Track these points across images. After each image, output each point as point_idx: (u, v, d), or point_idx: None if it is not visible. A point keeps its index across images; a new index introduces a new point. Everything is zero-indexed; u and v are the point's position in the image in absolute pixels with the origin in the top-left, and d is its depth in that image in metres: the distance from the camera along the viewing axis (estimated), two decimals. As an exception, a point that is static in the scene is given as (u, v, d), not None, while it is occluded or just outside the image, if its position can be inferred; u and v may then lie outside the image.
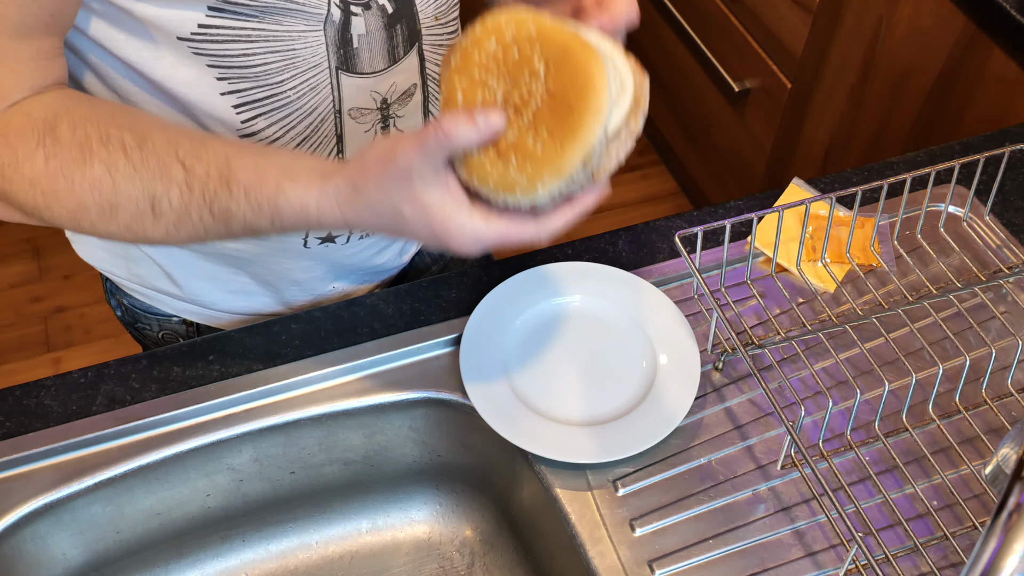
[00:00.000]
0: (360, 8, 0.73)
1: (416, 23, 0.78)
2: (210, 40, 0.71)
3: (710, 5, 1.87)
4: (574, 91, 0.56)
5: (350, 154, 0.81)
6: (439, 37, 0.82)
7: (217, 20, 0.70)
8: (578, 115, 0.56)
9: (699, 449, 0.80)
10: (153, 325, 0.98)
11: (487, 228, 0.61)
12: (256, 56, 0.73)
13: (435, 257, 1.09)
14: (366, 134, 0.81)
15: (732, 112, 1.89)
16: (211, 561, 0.89)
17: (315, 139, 0.79)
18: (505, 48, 0.58)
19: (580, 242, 0.94)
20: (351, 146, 0.81)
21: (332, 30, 0.73)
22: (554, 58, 0.57)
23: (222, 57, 0.72)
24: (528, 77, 0.58)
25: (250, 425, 0.81)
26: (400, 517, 0.93)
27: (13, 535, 0.77)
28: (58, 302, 2.06)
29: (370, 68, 0.77)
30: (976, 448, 0.81)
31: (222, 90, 0.74)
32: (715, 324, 0.83)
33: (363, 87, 0.78)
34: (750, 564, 0.74)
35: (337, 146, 0.81)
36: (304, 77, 0.75)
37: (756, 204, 0.98)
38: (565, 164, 0.58)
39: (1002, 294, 0.91)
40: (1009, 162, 1.02)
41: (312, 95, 0.76)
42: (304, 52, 0.74)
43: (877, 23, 1.51)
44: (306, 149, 0.79)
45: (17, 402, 0.81)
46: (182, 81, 0.73)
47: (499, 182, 0.59)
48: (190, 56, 0.72)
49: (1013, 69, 1.28)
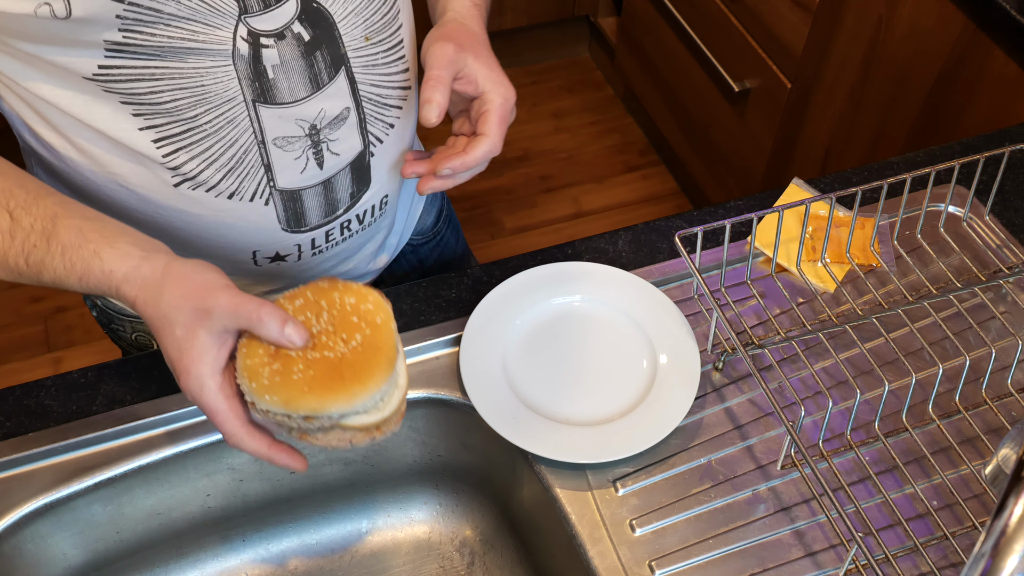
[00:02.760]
0: (272, 39, 0.71)
1: (340, 47, 0.76)
2: (115, 80, 0.70)
3: (710, 5, 1.87)
4: (361, 369, 0.65)
5: (281, 183, 0.79)
6: (373, 57, 0.79)
7: (118, 60, 0.69)
8: (353, 382, 0.64)
9: (699, 449, 0.80)
10: (126, 326, 0.97)
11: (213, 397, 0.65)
12: (165, 93, 0.71)
13: (414, 265, 1.07)
14: (296, 160, 0.78)
15: (732, 112, 1.89)
16: (211, 561, 0.89)
17: (241, 170, 0.77)
18: (354, 309, 0.67)
19: (580, 242, 0.95)
20: (281, 175, 0.79)
21: (242, 64, 0.71)
22: (368, 344, 0.66)
23: (131, 95, 0.71)
24: (341, 339, 0.65)
25: (250, 425, 0.81)
26: (400, 517, 0.93)
27: (13, 535, 0.77)
28: (58, 302, 2.06)
29: (291, 97, 0.74)
30: (976, 448, 0.81)
31: (139, 126, 0.73)
32: (715, 324, 0.83)
33: (286, 116, 0.75)
34: (750, 564, 0.74)
35: (267, 175, 0.78)
36: (219, 111, 0.73)
37: (756, 204, 0.98)
38: (324, 405, 0.64)
39: (1002, 294, 0.91)
40: (1009, 162, 1.02)
41: (230, 128, 0.74)
42: (215, 87, 0.72)
43: (877, 23, 1.51)
44: (234, 180, 0.78)
45: (17, 402, 0.81)
46: (100, 119, 0.73)
47: (262, 387, 0.64)
48: (102, 94, 0.71)
49: (1013, 69, 1.28)
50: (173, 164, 0.75)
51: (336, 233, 0.87)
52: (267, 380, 0.64)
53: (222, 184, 0.77)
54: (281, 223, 0.82)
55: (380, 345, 0.66)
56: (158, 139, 0.74)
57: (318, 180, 0.81)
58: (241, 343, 0.66)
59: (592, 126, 2.47)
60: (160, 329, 0.65)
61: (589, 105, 2.52)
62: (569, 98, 2.54)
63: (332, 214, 0.84)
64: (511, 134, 0.93)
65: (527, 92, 2.54)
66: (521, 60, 2.60)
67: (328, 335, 0.66)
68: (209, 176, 0.76)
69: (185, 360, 0.64)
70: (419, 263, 1.07)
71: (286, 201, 0.81)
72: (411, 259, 1.06)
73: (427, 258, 1.08)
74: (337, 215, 0.85)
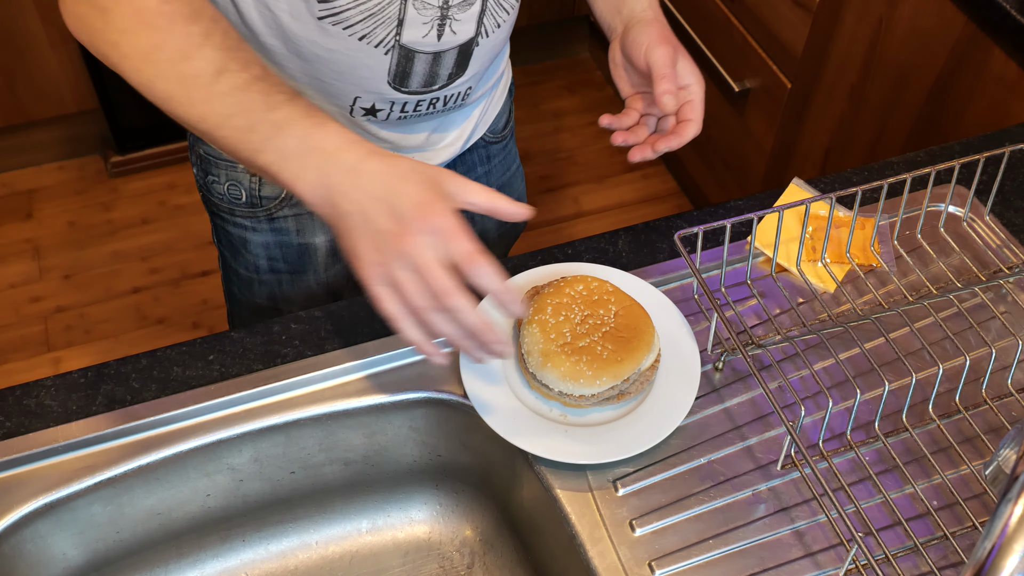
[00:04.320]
0: None
1: None
2: None
3: (710, 5, 1.87)
4: (634, 333, 0.81)
5: (404, 39, 0.87)
6: None
7: None
8: (634, 347, 0.80)
9: (699, 449, 0.80)
10: (221, 176, 1.01)
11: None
12: None
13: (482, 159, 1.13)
14: (423, 25, 0.86)
15: (732, 112, 1.89)
16: (211, 561, 0.89)
17: (380, 17, 0.84)
18: (588, 291, 0.83)
19: (580, 242, 0.95)
20: (407, 31, 0.86)
21: None
22: (623, 309, 0.83)
23: None
24: (601, 314, 0.82)
25: (250, 425, 0.81)
26: (400, 517, 0.93)
27: (13, 535, 0.77)
28: (58, 302, 2.06)
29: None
30: (976, 448, 0.81)
31: None
32: (715, 324, 0.83)
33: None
34: (750, 564, 0.74)
35: (396, 30, 0.85)
36: None
37: (756, 204, 0.98)
38: (621, 372, 0.80)
39: (1002, 294, 0.91)
40: (1009, 162, 1.02)
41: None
42: None
43: (877, 23, 1.51)
44: (371, 23, 0.84)
45: (17, 402, 0.81)
46: None
47: (566, 373, 0.79)
48: None
49: (1013, 69, 1.28)
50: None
51: (424, 106, 0.95)
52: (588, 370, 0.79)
53: (359, 25, 0.84)
54: (389, 76, 0.89)
55: (630, 304, 0.83)
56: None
57: (432, 50, 0.88)
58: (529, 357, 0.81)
59: (592, 126, 2.47)
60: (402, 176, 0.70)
61: (589, 105, 2.52)
62: (569, 98, 2.54)
63: (430, 86, 0.92)
64: None
65: (527, 92, 2.54)
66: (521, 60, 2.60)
67: (592, 317, 0.82)
68: (352, 15, 0.83)
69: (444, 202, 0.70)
70: (488, 158, 1.14)
71: (401, 57, 0.88)
72: (482, 153, 1.13)
73: (495, 156, 1.15)
74: (432, 88, 0.93)
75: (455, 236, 0.69)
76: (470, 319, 0.70)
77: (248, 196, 1.02)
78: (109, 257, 2.14)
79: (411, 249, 0.68)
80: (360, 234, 0.70)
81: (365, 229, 0.70)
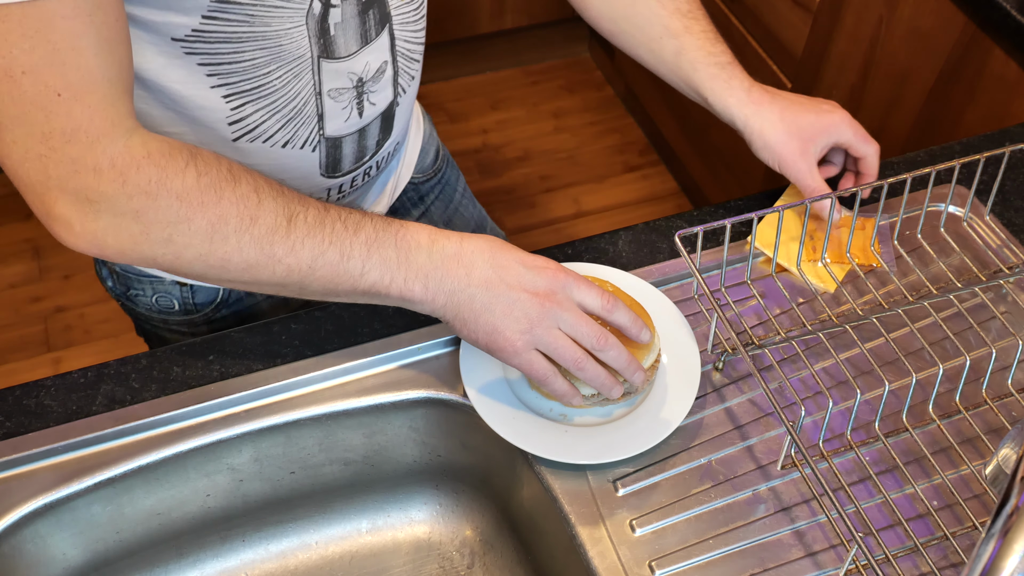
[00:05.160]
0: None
1: (386, 6, 0.83)
2: (202, 42, 0.73)
3: (710, 5, 1.86)
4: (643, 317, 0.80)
5: (328, 131, 0.86)
6: (407, 15, 0.86)
7: (210, 26, 0.72)
8: (634, 350, 0.78)
9: (699, 449, 0.80)
10: (147, 289, 0.97)
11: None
12: (246, 54, 0.76)
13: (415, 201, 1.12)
14: (343, 110, 0.85)
15: (732, 112, 1.89)
16: (211, 561, 0.89)
17: (298, 120, 0.83)
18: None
19: (580, 242, 0.95)
20: (329, 123, 0.85)
21: (313, 22, 0.77)
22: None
23: (213, 56, 0.75)
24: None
25: (250, 425, 0.81)
26: (400, 517, 0.93)
27: (13, 535, 0.77)
28: (58, 302, 2.06)
29: (345, 52, 0.81)
30: (976, 448, 0.81)
31: (212, 84, 0.77)
32: (715, 324, 0.83)
33: (340, 70, 0.82)
34: (750, 564, 0.74)
35: (318, 124, 0.84)
36: (289, 67, 0.78)
37: (756, 204, 0.98)
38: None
39: (1002, 294, 0.91)
40: (1009, 162, 1.02)
41: (296, 82, 0.80)
42: (290, 47, 0.77)
43: (877, 23, 1.51)
44: (290, 129, 0.83)
45: (17, 402, 0.81)
46: (173, 79, 0.75)
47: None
48: (181, 56, 0.74)
49: (1013, 69, 1.28)
50: (238, 116, 0.80)
51: (359, 179, 0.94)
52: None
53: (279, 134, 0.83)
54: (321, 168, 0.88)
55: (630, 305, 0.80)
56: (229, 94, 0.78)
57: (356, 128, 0.88)
58: None
59: (592, 126, 2.47)
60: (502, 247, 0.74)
61: (589, 105, 2.52)
62: (569, 98, 2.54)
63: (360, 160, 0.92)
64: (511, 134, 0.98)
65: (527, 92, 2.54)
66: (521, 60, 2.60)
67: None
68: (269, 127, 0.82)
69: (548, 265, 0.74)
70: (420, 199, 1.13)
71: (329, 148, 0.87)
72: (412, 196, 1.11)
73: (428, 194, 1.13)
74: (364, 161, 0.92)
75: (585, 285, 0.74)
76: (623, 359, 0.75)
77: (181, 305, 0.98)
78: (109, 257, 2.14)
79: (557, 305, 0.72)
80: (495, 310, 0.72)
81: (499, 304, 0.72)
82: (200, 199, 0.67)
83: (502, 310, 0.72)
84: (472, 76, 2.56)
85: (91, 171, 0.64)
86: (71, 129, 0.63)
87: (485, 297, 0.72)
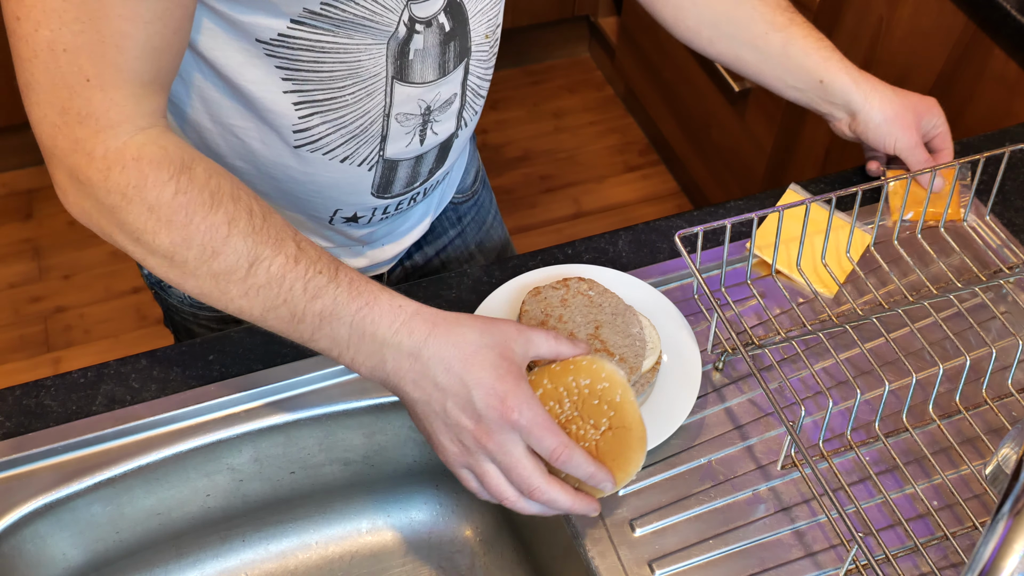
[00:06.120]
0: (423, 26, 0.77)
1: (468, 40, 0.83)
2: (285, 47, 0.74)
3: (710, 5, 1.86)
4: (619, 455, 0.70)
5: (388, 153, 0.86)
6: (484, 53, 0.86)
7: (297, 31, 0.73)
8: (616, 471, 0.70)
9: (699, 449, 0.80)
10: None
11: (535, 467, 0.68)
12: (325, 64, 0.76)
13: (452, 221, 1.12)
14: (407, 135, 0.85)
15: (732, 112, 1.89)
16: (211, 561, 0.89)
17: (362, 138, 0.83)
18: (591, 391, 0.70)
19: (580, 242, 0.95)
20: (392, 145, 0.85)
21: (394, 44, 0.77)
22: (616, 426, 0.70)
23: (292, 61, 0.75)
24: (590, 425, 0.70)
25: (250, 425, 0.81)
26: (400, 517, 0.93)
27: (13, 535, 0.77)
28: (58, 302, 2.06)
29: (421, 79, 0.81)
30: (976, 448, 0.81)
31: (285, 89, 0.77)
32: (715, 324, 0.83)
33: (412, 95, 0.82)
34: (750, 564, 0.74)
35: (380, 145, 0.84)
36: (363, 84, 0.79)
37: (756, 204, 0.98)
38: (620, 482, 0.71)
39: (1002, 294, 0.91)
40: (1009, 162, 1.02)
41: (367, 100, 0.80)
42: (368, 63, 0.77)
43: (877, 23, 1.51)
44: (353, 146, 0.83)
45: (17, 402, 0.81)
46: (250, 78, 0.76)
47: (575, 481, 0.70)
48: (262, 56, 0.74)
49: (1013, 69, 1.28)
50: (305, 126, 0.80)
51: (406, 203, 0.94)
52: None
53: (340, 149, 0.83)
54: (372, 188, 0.88)
55: (629, 425, 0.70)
56: (300, 102, 0.78)
57: (414, 154, 0.88)
58: None
59: (592, 126, 2.47)
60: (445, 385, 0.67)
61: (589, 105, 2.52)
62: (569, 98, 2.54)
63: (411, 184, 0.91)
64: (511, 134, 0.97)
65: (527, 92, 2.54)
66: (521, 60, 2.60)
67: (576, 422, 0.70)
68: (332, 140, 0.82)
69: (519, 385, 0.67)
70: (458, 220, 1.13)
71: (385, 170, 0.87)
72: (451, 216, 1.11)
73: (465, 215, 1.13)
74: (415, 186, 0.92)
75: (538, 432, 0.67)
76: (564, 506, 0.69)
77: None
78: (109, 257, 2.14)
79: (494, 448, 0.67)
80: (434, 423, 0.68)
81: (439, 420, 0.68)
82: (169, 217, 0.66)
83: (439, 427, 0.68)
84: (472, 76, 2.56)
85: (86, 155, 0.66)
86: (86, 113, 0.65)
87: (426, 409, 0.68)
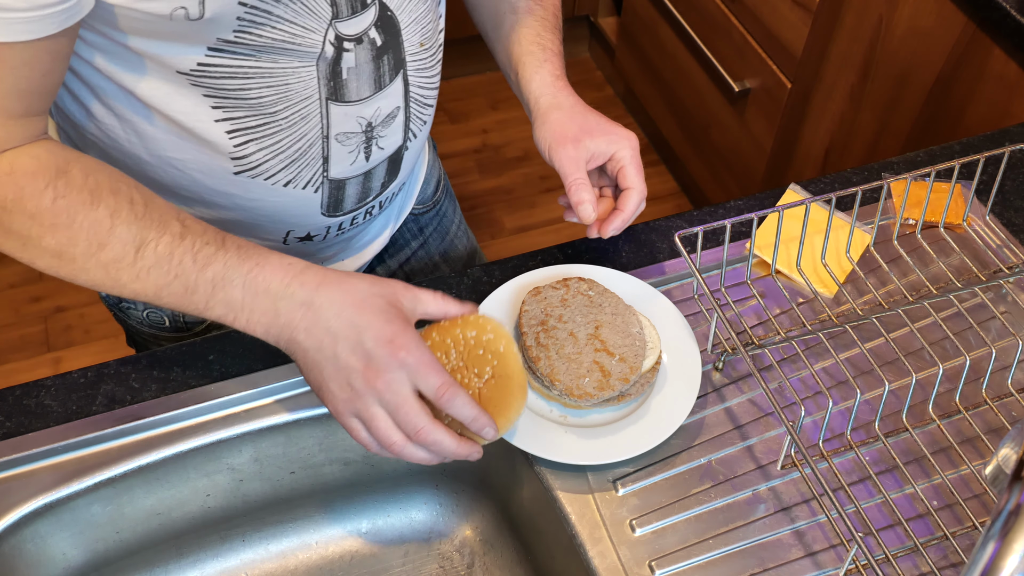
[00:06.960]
0: (352, 43, 0.77)
1: (401, 52, 0.82)
2: (208, 76, 0.73)
3: (710, 5, 1.87)
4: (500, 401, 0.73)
5: (332, 174, 0.85)
6: (423, 61, 0.85)
7: (217, 59, 0.72)
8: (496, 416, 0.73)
9: (699, 449, 0.80)
10: (138, 303, 0.98)
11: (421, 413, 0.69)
12: (252, 90, 0.75)
13: (414, 233, 1.11)
14: (350, 154, 0.84)
15: (732, 112, 1.89)
16: (211, 561, 0.89)
17: (302, 162, 0.82)
18: (476, 342, 0.74)
19: (580, 242, 0.94)
20: (334, 166, 0.84)
21: (324, 65, 0.77)
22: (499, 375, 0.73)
23: (219, 89, 0.75)
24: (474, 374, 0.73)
25: (250, 425, 0.81)
26: (400, 517, 0.93)
27: (13, 535, 0.77)
28: (58, 302, 2.06)
29: (357, 96, 0.80)
30: (976, 448, 0.81)
31: (216, 117, 0.77)
32: (715, 324, 0.83)
33: (349, 113, 0.81)
34: (750, 564, 0.74)
35: (323, 167, 0.84)
36: (296, 108, 0.78)
37: (756, 204, 0.98)
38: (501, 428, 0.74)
39: (1002, 294, 0.91)
40: (1009, 162, 1.02)
41: (302, 123, 0.79)
42: (297, 86, 0.77)
43: (877, 23, 1.51)
44: (293, 170, 0.83)
45: (17, 402, 0.81)
46: (179, 109, 0.76)
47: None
48: (188, 87, 0.74)
49: (1013, 69, 1.28)
50: (242, 154, 0.80)
51: (360, 218, 0.93)
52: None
53: (281, 174, 0.82)
54: (322, 208, 0.88)
55: (510, 374, 0.73)
56: (232, 130, 0.78)
57: (362, 171, 0.87)
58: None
59: (592, 126, 2.46)
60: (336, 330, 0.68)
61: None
62: (569, 98, 2.54)
63: (363, 200, 0.91)
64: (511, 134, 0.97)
65: (527, 92, 2.53)
66: (521, 60, 2.60)
67: (461, 371, 0.73)
68: (272, 166, 0.81)
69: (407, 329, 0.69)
70: (419, 231, 1.12)
71: (332, 189, 0.87)
72: (412, 228, 1.11)
73: (427, 226, 1.13)
74: (367, 201, 0.91)
75: (424, 370, 0.68)
76: (449, 449, 0.70)
77: (171, 321, 0.98)
78: (109, 257, 2.14)
79: (382, 387, 0.68)
80: (325, 370, 0.69)
81: (330, 365, 0.69)
82: (52, 221, 0.68)
83: (330, 373, 0.69)
84: (472, 76, 2.56)
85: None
86: None
87: (317, 356, 0.69)
